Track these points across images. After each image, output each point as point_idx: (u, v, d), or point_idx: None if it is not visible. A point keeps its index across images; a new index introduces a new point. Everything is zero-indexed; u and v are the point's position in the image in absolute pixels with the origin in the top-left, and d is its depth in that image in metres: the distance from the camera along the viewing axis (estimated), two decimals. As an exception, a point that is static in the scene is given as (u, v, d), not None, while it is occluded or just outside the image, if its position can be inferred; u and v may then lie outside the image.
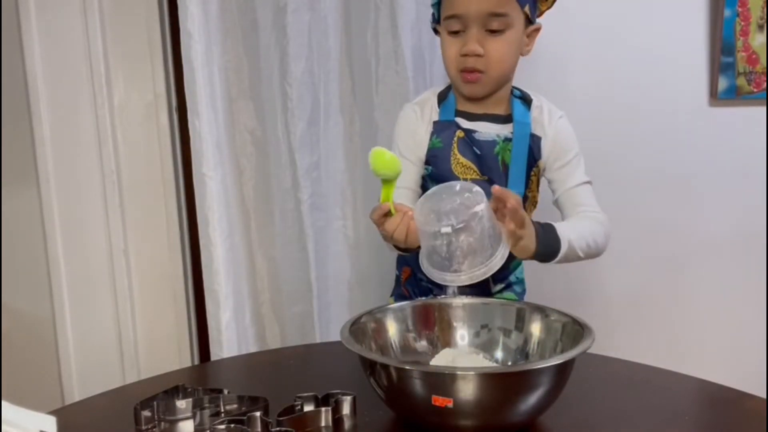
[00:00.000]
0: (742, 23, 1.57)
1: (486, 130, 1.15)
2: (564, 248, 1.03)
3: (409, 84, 1.43)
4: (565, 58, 1.55)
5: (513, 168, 1.14)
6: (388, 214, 0.96)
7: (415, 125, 1.17)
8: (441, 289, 1.19)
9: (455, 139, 1.14)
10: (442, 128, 1.16)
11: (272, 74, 1.45)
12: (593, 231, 1.09)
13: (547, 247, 1.01)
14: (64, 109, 1.52)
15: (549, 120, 1.17)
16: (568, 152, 1.17)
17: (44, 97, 1.50)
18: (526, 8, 1.10)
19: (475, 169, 1.14)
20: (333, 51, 1.46)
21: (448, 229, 0.90)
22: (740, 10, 1.57)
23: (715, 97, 1.61)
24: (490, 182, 1.10)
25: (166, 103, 1.56)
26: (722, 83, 1.60)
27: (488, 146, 1.14)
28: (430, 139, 1.15)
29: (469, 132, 1.15)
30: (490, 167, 1.14)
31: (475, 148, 1.14)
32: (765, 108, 1.61)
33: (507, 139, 1.14)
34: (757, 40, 1.59)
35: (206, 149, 1.36)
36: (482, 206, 0.91)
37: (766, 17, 1.58)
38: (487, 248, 0.93)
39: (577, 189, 1.15)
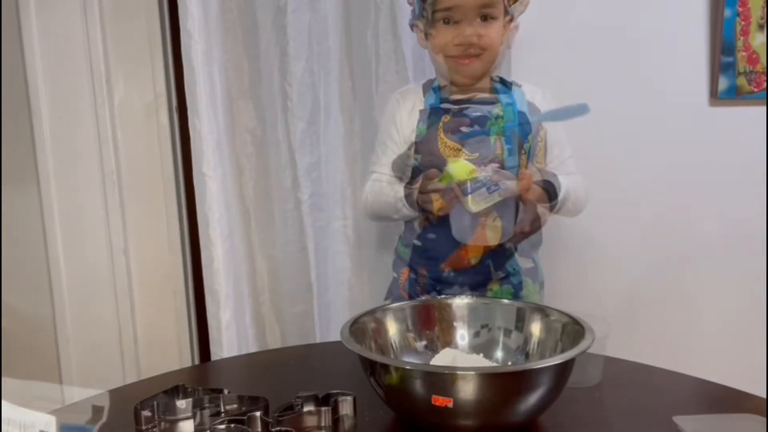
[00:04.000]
0: (743, 23, 1.57)
1: (476, 107, 1.20)
2: (562, 194, 1.16)
3: (410, 84, 1.43)
4: (564, 57, 1.54)
5: (506, 142, 1.18)
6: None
7: (394, 112, 1.24)
8: (437, 292, 1.21)
9: (440, 124, 1.18)
10: (427, 116, 1.20)
11: (272, 74, 1.45)
12: (580, 188, 1.23)
13: (550, 186, 1.16)
14: (64, 109, 1.52)
15: (533, 96, 1.23)
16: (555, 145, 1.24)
17: (44, 97, 1.50)
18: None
19: (463, 149, 1.16)
20: (333, 51, 1.46)
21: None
22: (740, 9, 1.57)
23: (715, 97, 1.60)
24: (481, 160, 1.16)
25: (166, 103, 1.56)
26: (722, 83, 1.59)
27: (481, 121, 1.18)
28: (417, 127, 1.20)
29: (459, 112, 1.19)
30: (482, 141, 1.18)
31: (463, 129, 1.17)
32: (765, 108, 1.61)
33: (497, 117, 1.19)
34: (758, 39, 1.58)
35: (206, 149, 1.36)
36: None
37: (766, 17, 1.58)
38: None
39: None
